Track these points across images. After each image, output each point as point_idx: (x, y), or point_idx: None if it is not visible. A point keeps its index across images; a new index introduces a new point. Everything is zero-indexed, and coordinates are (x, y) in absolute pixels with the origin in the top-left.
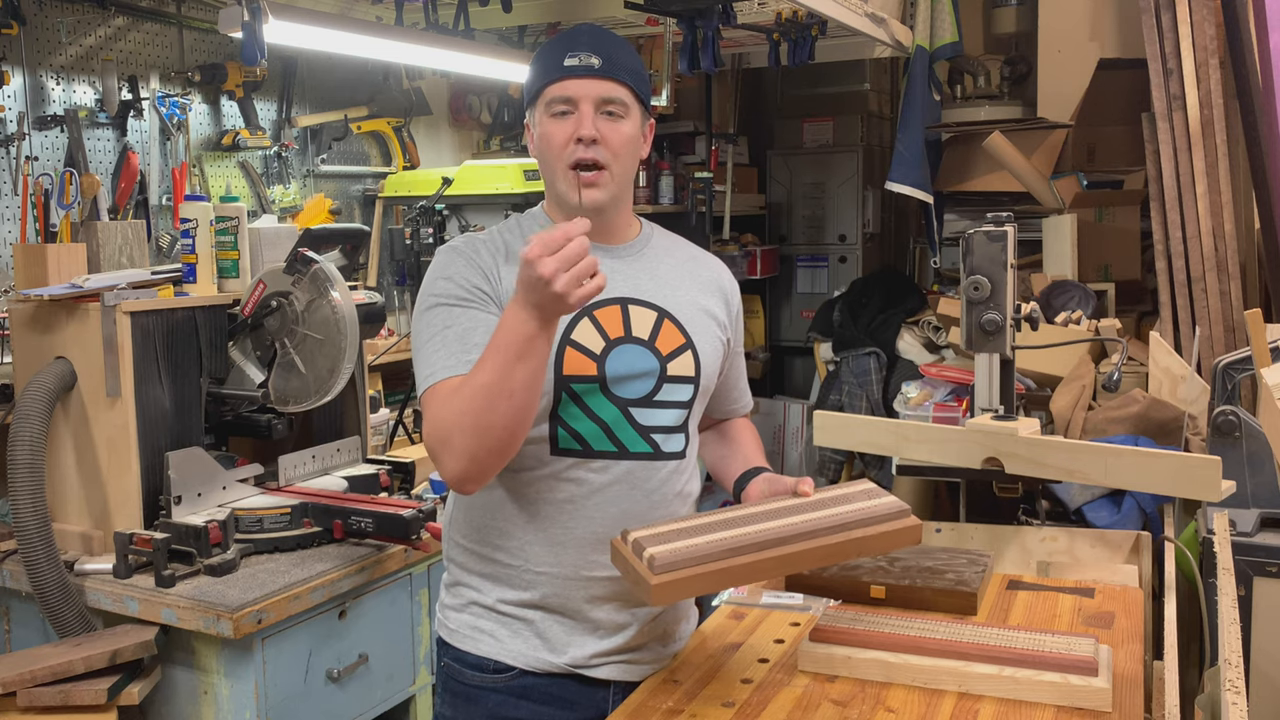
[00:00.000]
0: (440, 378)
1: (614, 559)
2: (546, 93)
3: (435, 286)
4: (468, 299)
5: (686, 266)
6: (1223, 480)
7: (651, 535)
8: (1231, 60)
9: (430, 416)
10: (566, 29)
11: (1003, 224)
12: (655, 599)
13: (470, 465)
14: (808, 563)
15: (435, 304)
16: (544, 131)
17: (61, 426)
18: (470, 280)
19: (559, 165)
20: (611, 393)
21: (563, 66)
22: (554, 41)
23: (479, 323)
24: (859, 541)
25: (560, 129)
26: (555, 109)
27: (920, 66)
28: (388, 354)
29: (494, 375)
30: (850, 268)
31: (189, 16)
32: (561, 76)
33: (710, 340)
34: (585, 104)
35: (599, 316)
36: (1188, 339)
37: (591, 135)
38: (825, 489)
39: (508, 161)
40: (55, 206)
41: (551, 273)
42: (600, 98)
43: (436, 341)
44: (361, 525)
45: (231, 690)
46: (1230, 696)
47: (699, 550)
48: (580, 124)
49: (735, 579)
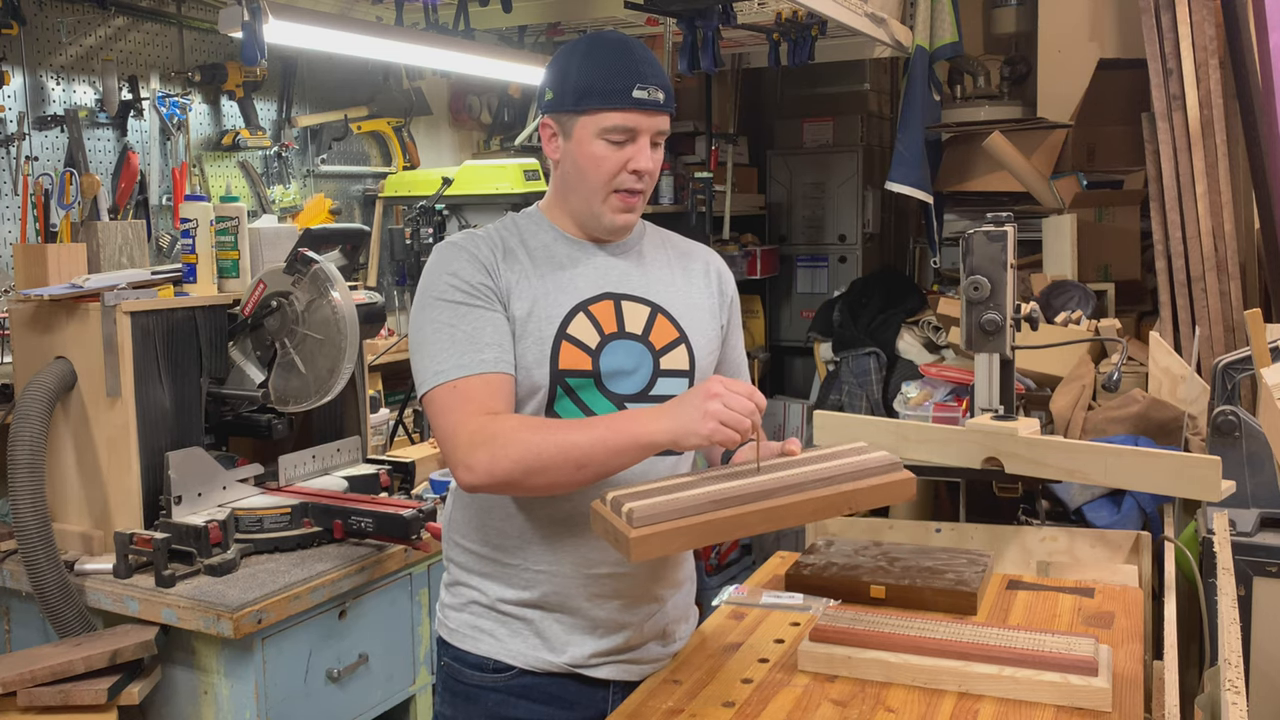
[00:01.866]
0: (451, 377)
1: (594, 523)
2: (606, 117)
3: (437, 282)
4: (473, 296)
5: (679, 262)
6: (1223, 480)
7: (631, 493)
8: (1231, 60)
9: (456, 422)
10: (618, 44)
11: (1003, 224)
12: (635, 554)
13: (501, 487)
14: (796, 517)
15: (439, 300)
16: (594, 154)
17: (61, 426)
18: (475, 278)
19: (604, 189)
20: (606, 388)
21: (632, 98)
22: (612, 59)
23: (486, 321)
24: (848, 494)
25: (616, 156)
26: (614, 137)
27: (920, 66)
28: (388, 354)
29: (595, 451)
30: (850, 268)
31: (189, 16)
32: (630, 108)
33: (704, 334)
34: (644, 136)
35: (594, 311)
36: (1188, 339)
37: (650, 170)
38: (814, 448)
39: (508, 161)
40: (55, 206)
41: (717, 393)
42: (657, 130)
43: (444, 339)
44: (361, 525)
45: (231, 690)
46: (1230, 696)
47: (680, 503)
48: (638, 156)
49: (719, 533)
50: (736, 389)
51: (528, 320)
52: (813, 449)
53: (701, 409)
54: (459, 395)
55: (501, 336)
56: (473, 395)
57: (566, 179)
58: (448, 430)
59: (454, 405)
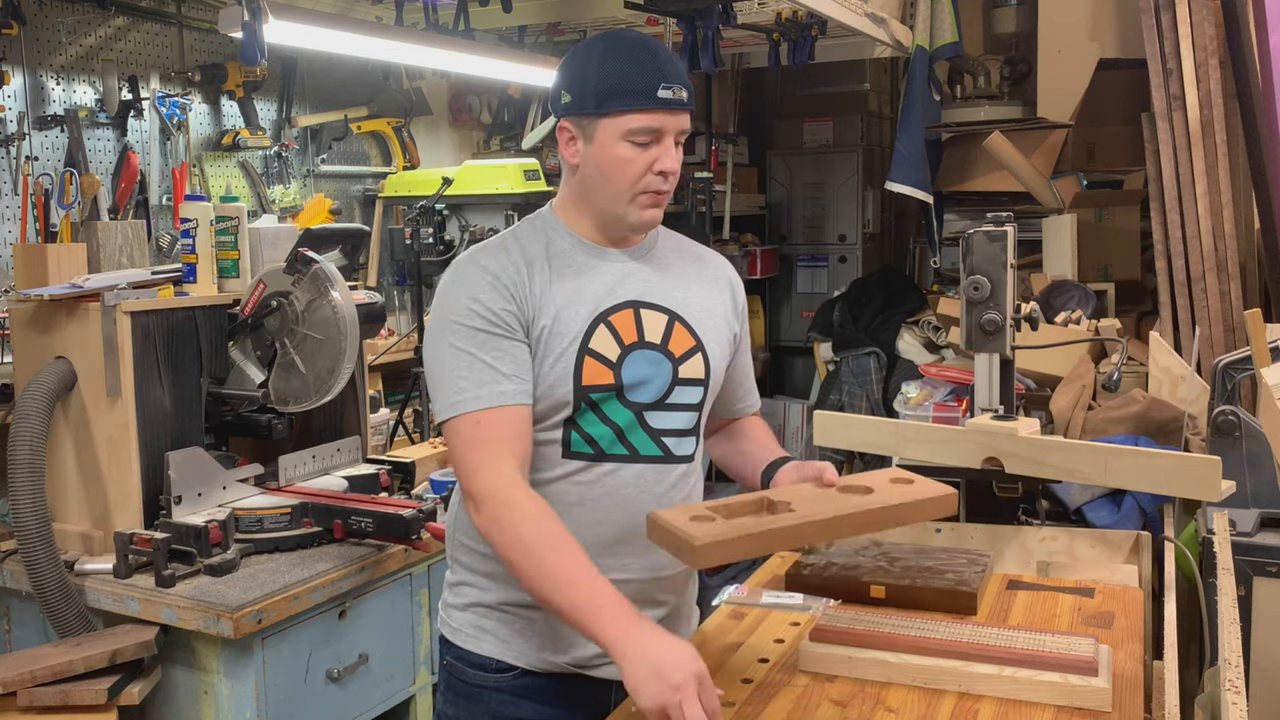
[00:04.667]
0: (470, 409)
1: (650, 531)
2: (633, 119)
3: (457, 304)
4: (493, 324)
5: (694, 267)
6: (1223, 480)
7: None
8: (1231, 60)
9: (476, 463)
10: (639, 45)
11: (1003, 224)
12: (697, 561)
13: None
14: (849, 528)
15: (458, 325)
16: (620, 156)
17: (61, 426)
18: (497, 304)
19: (630, 190)
20: (627, 398)
21: (657, 98)
22: (634, 60)
23: (506, 351)
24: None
25: (642, 158)
26: (640, 139)
27: (920, 66)
28: (388, 354)
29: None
30: (850, 268)
31: (189, 16)
32: (655, 108)
33: (718, 342)
34: (669, 137)
35: (614, 322)
36: (1188, 339)
37: (676, 170)
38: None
39: (508, 161)
40: (55, 206)
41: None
42: (681, 130)
43: (462, 368)
44: (361, 525)
45: (231, 690)
46: (1230, 696)
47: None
48: (664, 156)
49: (775, 543)
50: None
51: (550, 335)
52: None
53: (656, 690)
54: (482, 432)
55: (522, 367)
56: (496, 435)
57: (588, 183)
58: (469, 464)
59: (477, 443)
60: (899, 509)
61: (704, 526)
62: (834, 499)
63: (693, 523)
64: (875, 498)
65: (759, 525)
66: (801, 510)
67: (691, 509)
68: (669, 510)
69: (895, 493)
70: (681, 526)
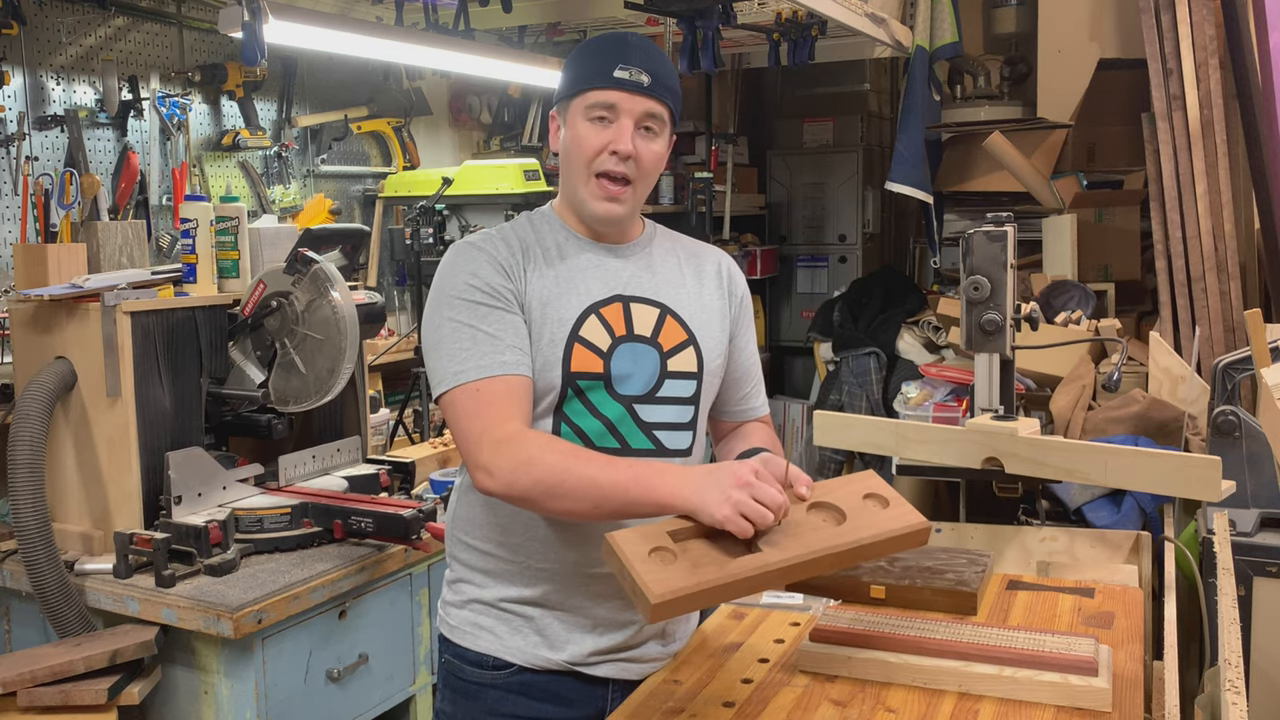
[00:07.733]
0: (472, 378)
1: (607, 558)
2: (588, 96)
3: (456, 281)
4: (492, 297)
5: (689, 264)
6: (1223, 480)
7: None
8: (1231, 60)
9: (480, 427)
10: (614, 35)
11: (1003, 224)
12: (654, 617)
13: (517, 500)
14: (811, 570)
15: (458, 299)
16: (578, 134)
17: (61, 426)
18: (494, 279)
19: (585, 170)
20: (615, 390)
21: (612, 77)
22: (602, 46)
23: (507, 324)
24: (862, 549)
25: (597, 135)
26: (595, 114)
27: (920, 66)
28: (388, 354)
29: (614, 495)
30: (850, 268)
31: (189, 16)
32: (610, 87)
33: (714, 335)
34: (627, 118)
35: (605, 314)
36: (1188, 339)
37: (629, 151)
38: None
39: (508, 161)
40: (55, 206)
41: (747, 483)
42: (643, 113)
43: (464, 339)
44: (361, 525)
45: (231, 690)
46: (1230, 696)
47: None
48: (619, 137)
49: (736, 592)
50: (768, 480)
51: (541, 321)
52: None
53: (725, 494)
54: (482, 399)
55: (521, 339)
56: (496, 399)
57: (562, 168)
58: (471, 433)
59: (478, 409)
60: (871, 547)
61: (663, 574)
62: (801, 531)
63: (651, 560)
64: (846, 532)
65: (719, 576)
66: (767, 551)
67: (654, 535)
68: (627, 535)
69: (868, 522)
70: (640, 571)
